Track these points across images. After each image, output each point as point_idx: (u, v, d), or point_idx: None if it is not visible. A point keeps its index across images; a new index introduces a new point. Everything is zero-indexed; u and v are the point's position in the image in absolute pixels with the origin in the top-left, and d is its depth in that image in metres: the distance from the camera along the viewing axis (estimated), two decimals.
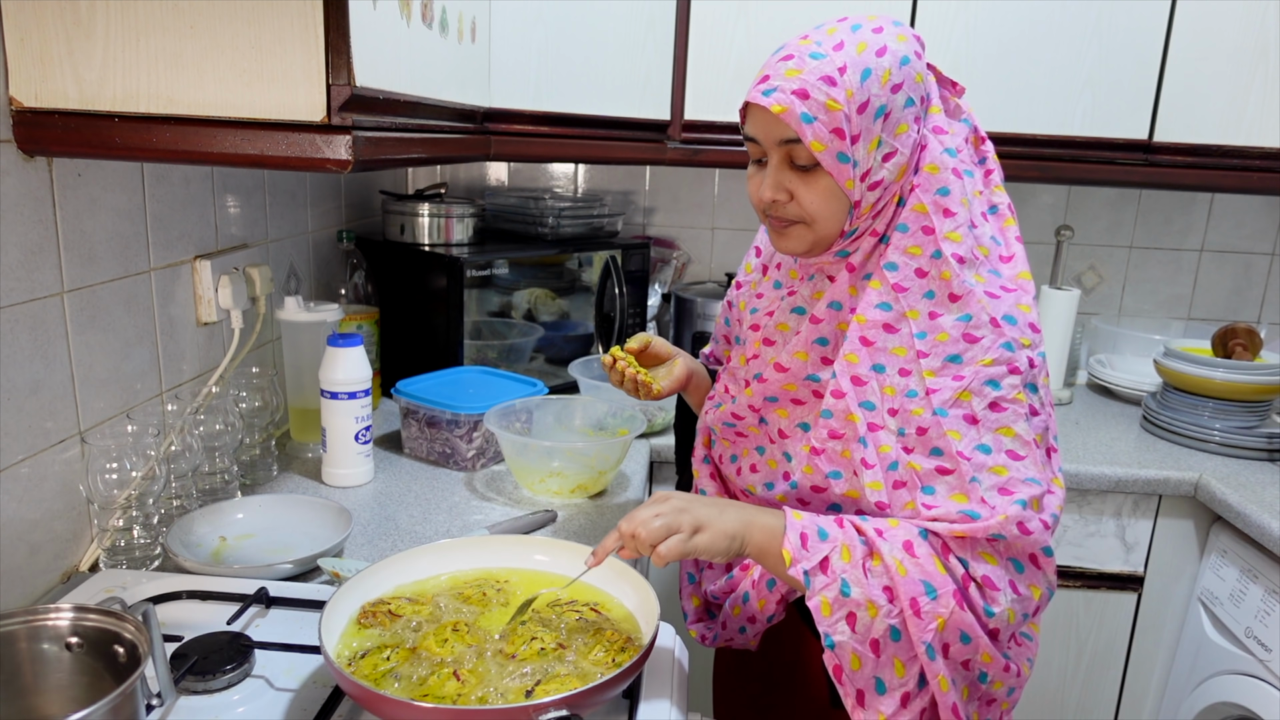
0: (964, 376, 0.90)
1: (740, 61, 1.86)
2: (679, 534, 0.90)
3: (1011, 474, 0.89)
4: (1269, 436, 1.81)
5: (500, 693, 0.84)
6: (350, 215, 2.00)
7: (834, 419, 0.97)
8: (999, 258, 0.96)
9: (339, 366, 1.41)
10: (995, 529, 0.87)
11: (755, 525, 0.92)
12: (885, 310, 0.94)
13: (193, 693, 0.89)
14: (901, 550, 0.88)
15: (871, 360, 0.95)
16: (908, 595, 0.87)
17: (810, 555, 0.89)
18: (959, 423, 0.90)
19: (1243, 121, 1.85)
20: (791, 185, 0.94)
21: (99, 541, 1.16)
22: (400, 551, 1.05)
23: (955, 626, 0.88)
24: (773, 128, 0.92)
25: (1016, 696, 0.99)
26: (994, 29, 1.83)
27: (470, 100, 1.46)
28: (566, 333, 2.06)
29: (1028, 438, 0.90)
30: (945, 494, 0.90)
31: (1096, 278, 2.36)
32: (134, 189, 1.20)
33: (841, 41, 0.90)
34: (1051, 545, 0.91)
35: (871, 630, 0.88)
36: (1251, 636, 1.56)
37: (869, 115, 0.90)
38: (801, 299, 1.05)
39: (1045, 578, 0.92)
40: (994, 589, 0.89)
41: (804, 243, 0.98)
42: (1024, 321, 0.93)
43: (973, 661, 0.91)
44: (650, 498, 0.96)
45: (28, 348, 1.03)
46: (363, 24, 0.95)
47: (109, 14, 0.93)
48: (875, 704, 0.90)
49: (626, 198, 2.36)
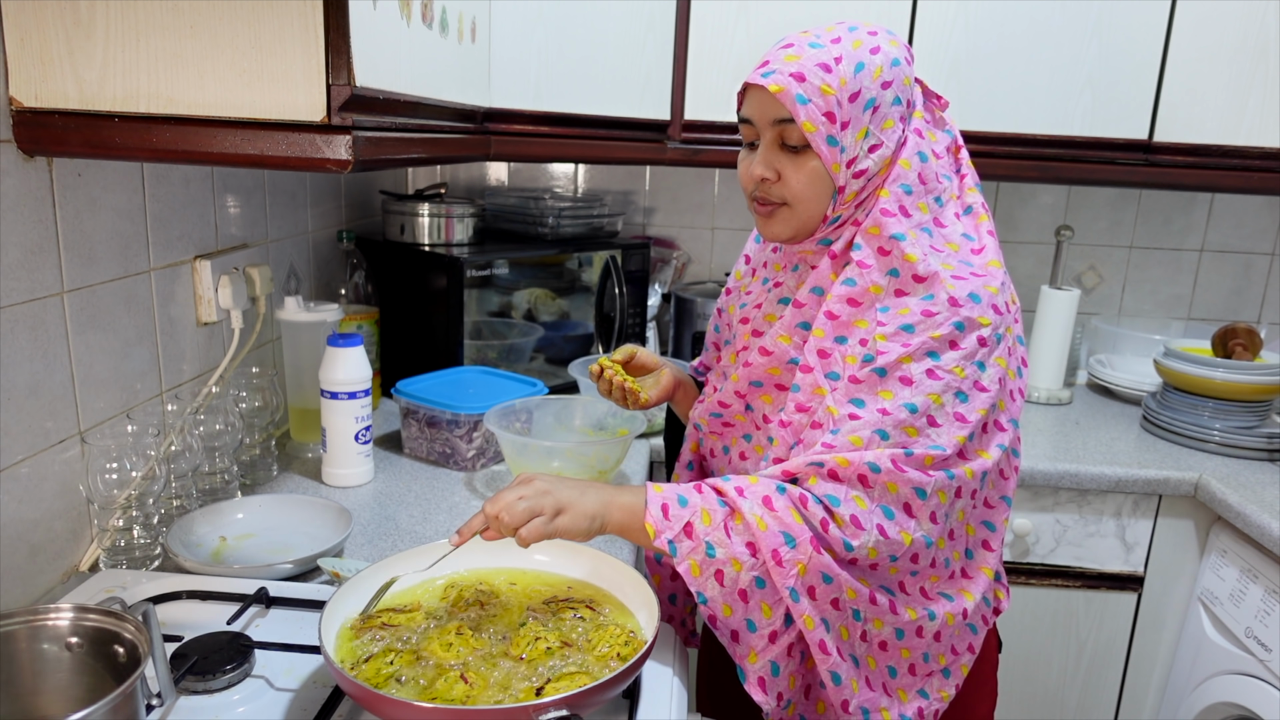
0: (910, 344, 0.95)
1: (740, 61, 1.86)
2: (541, 516, 0.93)
3: (920, 437, 0.94)
4: (1269, 436, 1.81)
5: (512, 693, 0.84)
6: (350, 215, 2.00)
7: (801, 393, 1.01)
8: (970, 250, 1.01)
9: (339, 366, 1.41)
10: (872, 460, 0.92)
11: (615, 505, 0.96)
12: (850, 285, 0.99)
13: (193, 693, 0.89)
14: (761, 506, 0.93)
15: (835, 333, 0.99)
16: (769, 547, 0.92)
17: (672, 524, 0.94)
18: (893, 383, 0.95)
19: (1243, 121, 1.85)
20: (780, 165, 0.99)
21: (99, 541, 1.16)
22: (400, 551, 1.05)
23: (816, 569, 0.93)
24: (768, 107, 0.98)
25: (957, 666, 1.04)
26: (994, 29, 1.83)
27: (470, 100, 1.46)
28: (566, 333, 2.06)
29: (950, 409, 0.95)
30: (844, 436, 0.95)
31: (1096, 278, 2.36)
32: (134, 189, 1.20)
33: (839, 37, 0.97)
34: (926, 489, 0.94)
35: (738, 582, 0.93)
36: (1251, 636, 1.56)
37: (859, 105, 0.96)
38: (787, 289, 1.09)
39: (918, 525, 0.95)
40: (858, 527, 0.93)
41: (789, 227, 1.02)
42: (988, 301, 0.97)
43: (841, 600, 0.95)
44: (515, 479, 0.98)
45: (28, 348, 1.03)
46: (363, 24, 0.95)
47: (109, 14, 0.93)
48: (747, 640, 0.96)
49: (626, 198, 2.36)
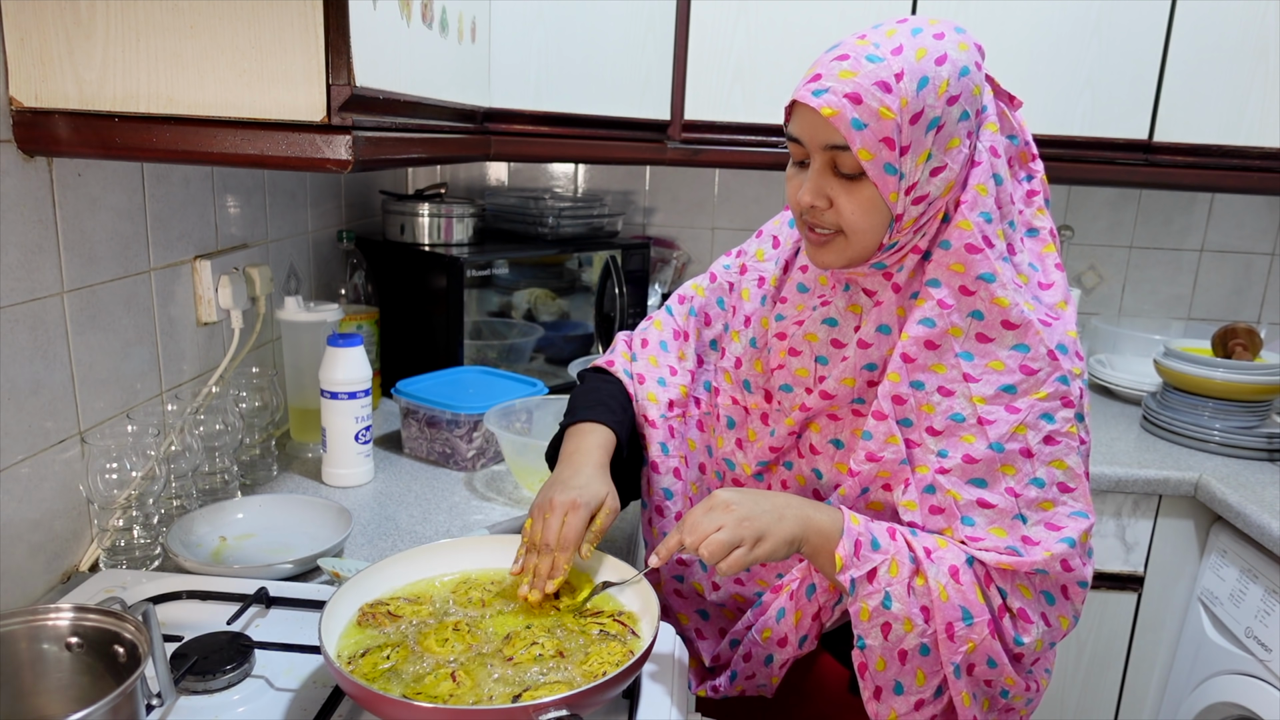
0: (1019, 409, 0.90)
1: (740, 62, 1.86)
2: (741, 548, 0.90)
3: (1058, 508, 0.91)
4: (1269, 436, 1.81)
5: (489, 695, 0.83)
6: (350, 215, 2.00)
7: (873, 441, 0.95)
8: (1038, 284, 0.94)
9: (339, 366, 1.41)
10: (1040, 565, 0.89)
11: (812, 529, 0.93)
12: (929, 326, 0.92)
13: (193, 693, 0.89)
14: (947, 575, 0.90)
15: (910, 377, 0.93)
16: (944, 619, 0.90)
17: (860, 564, 0.91)
18: (1014, 457, 0.90)
19: (1243, 121, 1.85)
20: (832, 192, 0.90)
21: (99, 541, 1.16)
22: (400, 551, 1.05)
23: (984, 652, 0.91)
24: (820, 131, 0.87)
25: (1036, 703, 1.01)
26: (994, 29, 1.82)
27: (470, 100, 1.46)
28: (566, 333, 2.06)
29: (1079, 470, 0.92)
30: (985, 526, 0.92)
31: (1096, 278, 2.36)
32: (134, 189, 1.20)
33: (900, 45, 0.85)
34: (1089, 580, 0.93)
35: (903, 642, 0.92)
36: (1251, 636, 1.56)
37: (921, 127, 0.85)
38: (835, 310, 1.01)
39: (1074, 608, 0.94)
40: (1027, 621, 0.92)
41: (842, 257, 0.94)
42: (1073, 350, 0.92)
43: (996, 682, 0.94)
44: (708, 501, 0.93)
45: (28, 348, 1.03)
46: (363, 24, 0.95)
47: (109, 14, 0.93)
48: (890, 701, 0.94)
49: (626, 198, 2.36)
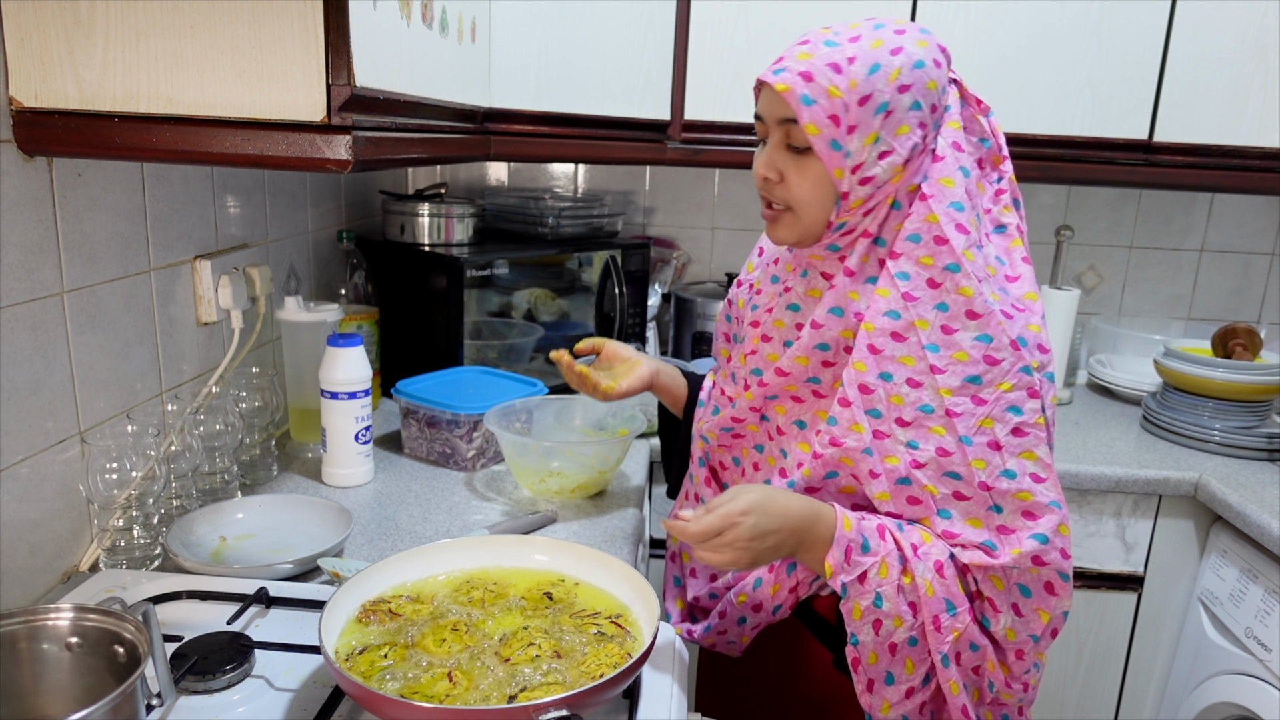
0: (985, 401, 0.93)
1: (740, 62, 1.86)
2: (738, 567, 0.94)
3: (1036, 498, 0.93)
4: (1269, 436, 1.81)
5: (484, 697, 0.83)
6: (350, 215, 2.00)
7: (837, 426, 0.98)
8: (1005, 277, 0.98)
9: (339, 366, 1.41)
10: (1010, 563, 0.92)
11: (806, 542, 0.95)
12: (894, 319, 0.95)
13: (193, 693, 0.89)
14: (933, 571, 0.94)
15: (879, 369, 0.95)
16: (930, 612, 0.94)
17: (851, 569, 0.95)
18: (983, 450, 0.93)
19: (1243, 121, 1.85)
20: (784, 166, 0.96)
21: (99, 541, 1.16)
22: (400, 551, 1.05)
23: (968, 638, 0.96)
24: (775, 106, 0.94)
25: (1032, 696, 1.02)
26: (994, 29, 1.82)
27: (470, 100, 1.46)
28: (566, 333, 2.06)
29: (1048, 460, 0.94)
30: (961, 519, 0.95)
31: (1096, 278, 2.36)
32: (134, 189, 1.20)
33: (859, 35, 0.92)
34: (1069, 572, 0.94)
35: (893, 636, 0.95)
36: (1251, 636, 1.56)
37: (869, 109, 0.90)
38: (795, 295, 1.05)
39: (1058, 602, 0.95)
40: (995, 610, 0.95)
41: (792, 232, 0.99)
42: (1034, 342, 0.95)
43: (981, 669, 0.97)
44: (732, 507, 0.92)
45: (28, 348, 1.03)
46: (363, 24, 0.95)
47: (109, 14, 0.93)
48: (882, 692, 0.98)
49: (626, 198, 2.36)
